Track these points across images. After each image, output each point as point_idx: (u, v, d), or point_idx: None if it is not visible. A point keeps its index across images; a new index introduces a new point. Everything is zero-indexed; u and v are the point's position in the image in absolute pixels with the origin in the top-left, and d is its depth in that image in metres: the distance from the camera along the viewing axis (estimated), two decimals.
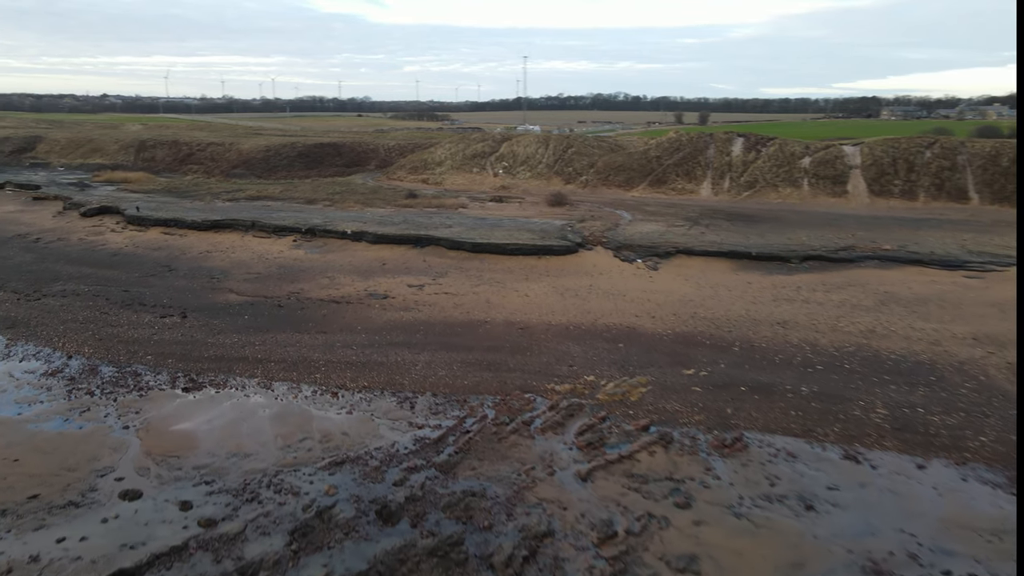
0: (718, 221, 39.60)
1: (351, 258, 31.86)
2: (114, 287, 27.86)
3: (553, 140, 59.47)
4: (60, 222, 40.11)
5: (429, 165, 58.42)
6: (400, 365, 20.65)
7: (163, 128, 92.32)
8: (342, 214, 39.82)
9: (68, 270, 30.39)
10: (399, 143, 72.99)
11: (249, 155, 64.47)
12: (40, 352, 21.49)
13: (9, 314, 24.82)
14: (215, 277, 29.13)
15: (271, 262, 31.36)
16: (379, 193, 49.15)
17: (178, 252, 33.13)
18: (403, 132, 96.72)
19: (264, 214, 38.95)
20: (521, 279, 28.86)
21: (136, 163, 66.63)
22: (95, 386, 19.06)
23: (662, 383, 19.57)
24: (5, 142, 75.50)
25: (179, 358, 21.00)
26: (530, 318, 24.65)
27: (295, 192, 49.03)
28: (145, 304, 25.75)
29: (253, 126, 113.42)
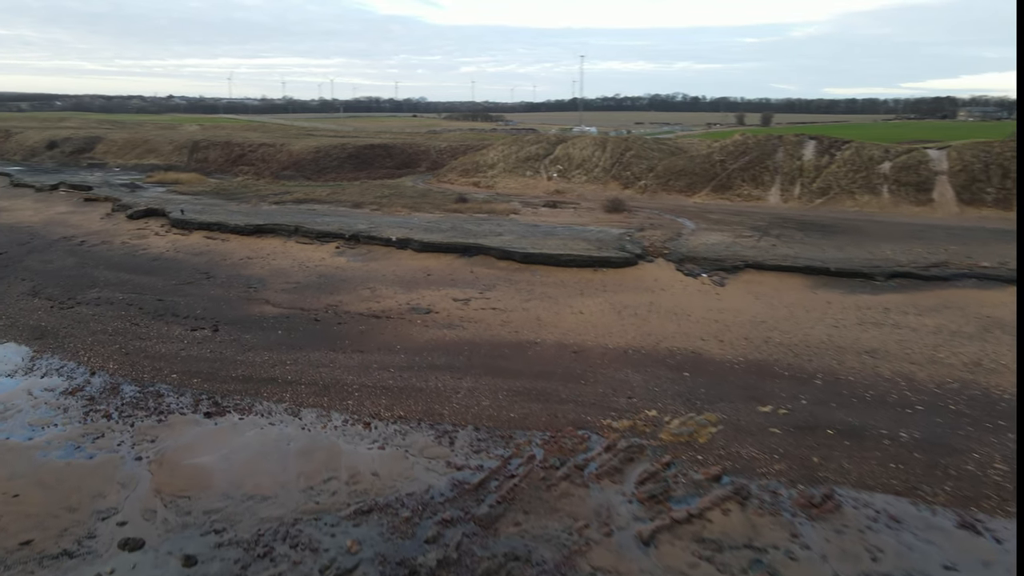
0: (789, 231, 36.72)
1: (395, 267, 30.32)
2: (149, 295, 26.92)
3: (610, 142, 57.14)
4: (107, 224, 39.84)
5: (481, 168, 56.81)
6: (440, 392, 18.86)
7: (218, 129, 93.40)
8: (388, 219, 38.44)
9: (106, 276, 29.69)
10: (451, 144, 71.68)
11: (299, 156, 64.05)
12: (64, 367, 20.47)
13: (40, 323, 24.03)
14: (252, 286, 27.95)
15: (311, 270, 30.06)
16: (428, 197, 47.72)
17: (218, 258, 32.18)
18: (456, 133, 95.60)
19: (308, 218, 37.85)
20: (575, 294, 26.80)
21: (189, 164, 67.02)
22: (113, 408, 17.83)
23: (735, 422, 17.27)
24: (66, 142, 77.19)
25: (205, 377, 19.67)
26: (585, 339, 22.58)
27: (342, 195, 48.00)
28: (178, 315, 24.65)
29: (306, 127, 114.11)
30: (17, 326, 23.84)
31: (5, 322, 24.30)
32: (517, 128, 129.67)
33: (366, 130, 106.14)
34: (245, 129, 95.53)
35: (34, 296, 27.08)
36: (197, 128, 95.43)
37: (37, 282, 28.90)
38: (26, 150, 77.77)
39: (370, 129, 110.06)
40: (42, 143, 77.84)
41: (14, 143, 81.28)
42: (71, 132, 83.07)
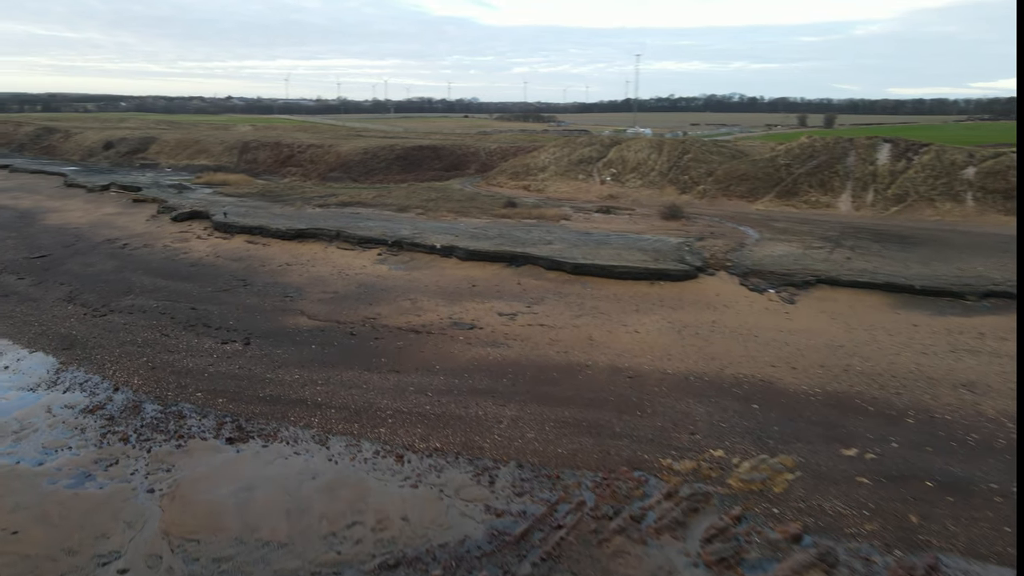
0: (864, 243, 34.00)
1: (438, 277, 28.87)
2: (183, 303, 26.06)
3: (667, 145, 54.81)
4: (151, 226, 39.56)
5: (531, 170, 55.15)
6: (481, 421, 17.24)
7: (269, 129, 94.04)
8: (434, 224, 37.10)
9: (143, 281, 29.03)
10: (501, 146, 70.24)
11: (347, 158, 63.50)
12: (87, 381, 19.56)
13: (71, 332, 23.32)
14: (289, 295, 26.85)
15: (351, 279, 28.84)
16: (476, 201, 46.29)
17: (257, 264, 31.28)
18: (507, 134, 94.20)
19: (351, 223, 36.78)
20: (630, 310, 24.87)
21: (239, 165, 67.21)
22: (132, 430, 16.74)
23: (815, 468, 15.17)
24: (122, 143, 78.55)
25: (231, 397, 18.48)
26: (641, 363, 20.67)
27: (388, 198, 46.96)
28: (209, 325, 23.65)
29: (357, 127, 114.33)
30: (48, 335, 23.17)
31: (37, 330, 23.68)
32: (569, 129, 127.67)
33: (416, 131, 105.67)
34: (296, 130, 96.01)
35: (69, 302, 26.52)
36: (249, 128, 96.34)
37: (75, 287, 28.40)
38: (84, 150, 79.45)
39: (420, 130, 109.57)
40: (99, 143, 79.43)
41: (73, 143, 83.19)
42: (127, 132, 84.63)
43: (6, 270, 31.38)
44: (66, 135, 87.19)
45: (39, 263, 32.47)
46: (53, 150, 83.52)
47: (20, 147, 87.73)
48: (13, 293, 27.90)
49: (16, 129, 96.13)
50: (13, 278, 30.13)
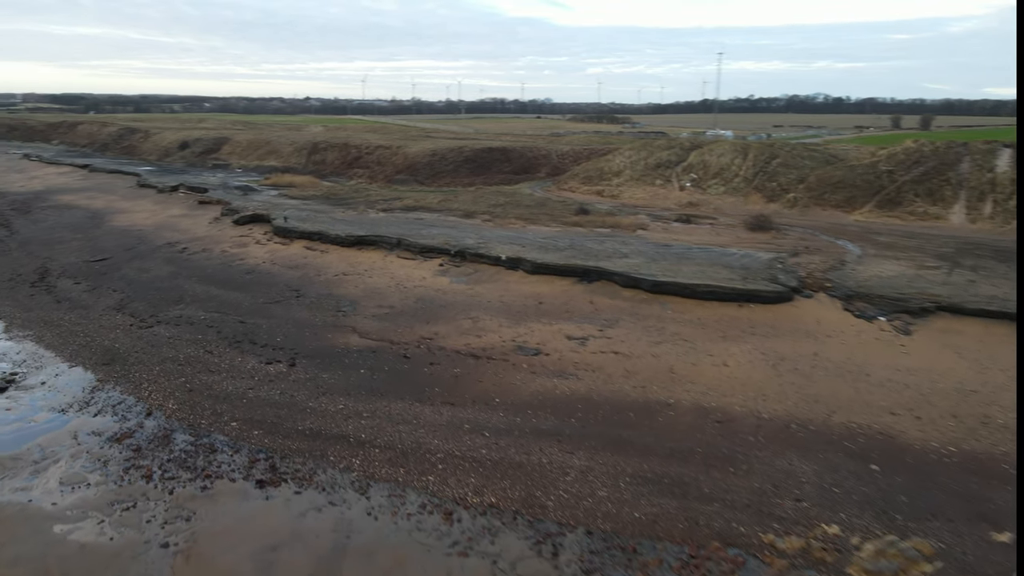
0: (987, 262, 30.01)
1: (502, 292, 26.73)
2: (232, 315, 24.75)
3: (753, 149, 51.20)
4: (212, 230, 38.92)
5: (605, 175, 52.50)
6: (545, 471, 14.95)
7: (339, 130, 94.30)
8: (500, 233, 35.02)
9: (196, 290, 27.99)
10: (574, 148, 67.75)
11: (414, 160, 62.29)
12: (121, 403, 18.25)
13: (114, 345, 22.24)
14: (342, 310, 25.19)
15: (409, 292, 27.00)
16: (546, 207, 44.02)
17: (313, 273, 29.86)
18: (579, 136, 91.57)
19: (414, 229, 35.09)
20: (716, 337, 22.10)
21: (307, 166, 67.01)
22: (157, 465, 15.19)
23: (959, 558, 12.24)
24: (197, 143, 79.88)
25: (268, 429, 16.77)
26: (731, 403, 17.96)
27: (454, 202, 45.21)
28: (256, 342, 22.16)
29: (427, 128, 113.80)
30: (91, 347, 22.16)
31: (82, 341, 22.73)
32: (644, 131, 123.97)
33: (487, 132, 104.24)
34: (365, 130, 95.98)
35: (119, 311, 25.62)
36: (321, 129, 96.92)
37: (127, 294, 27.59)
38: (161, 150, 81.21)
39: (491, 131, 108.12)
40: (175, 144, 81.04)
41: (151, 143, 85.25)
42: (202, 133, 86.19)
43: (65, 274, 30.99)
44: (146, 135, 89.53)
45: (98, 267, 32.01)
46: (133, 150, 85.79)
47: (103, 147, 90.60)
48: (66, 299, 27.28)
49: (100, 129, 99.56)
50: (70, 282, 29.64)
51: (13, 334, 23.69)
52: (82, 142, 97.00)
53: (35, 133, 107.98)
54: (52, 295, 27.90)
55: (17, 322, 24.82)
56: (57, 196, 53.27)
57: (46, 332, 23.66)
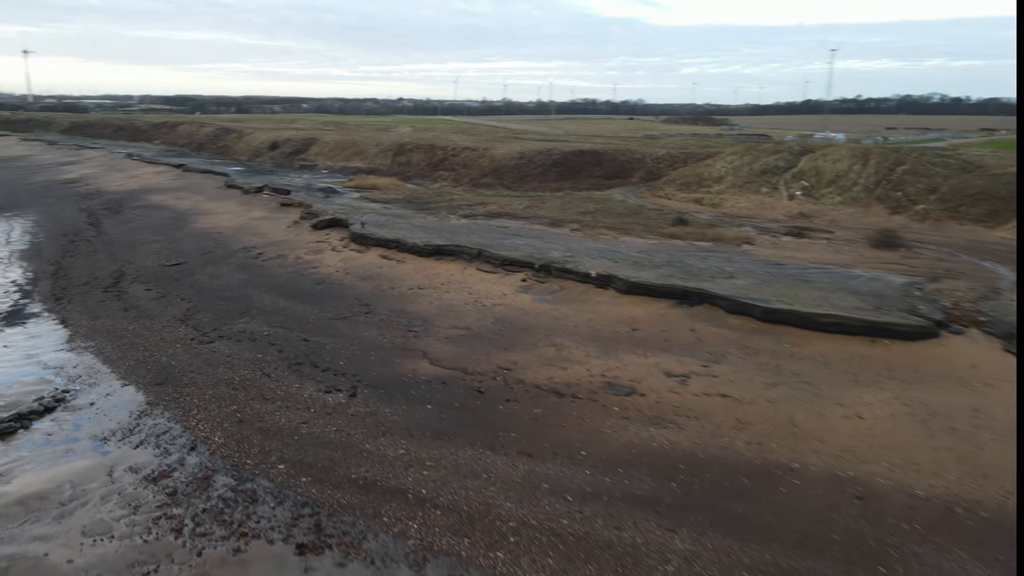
0: None
1: (591, 315, 24.04)
2: (296, 332, 23.11)
3: (875, 154, 46.35)
4: (290, 234, 37.94)
5: (705, 181, 48.82)
6: (640, 556, 12.21)
7: (427, 131, 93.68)
8: (589, 244, 32.32)
9: (263, 300, 26.64)
10: (670, 152, 64.11)
11: (501, 162, 60.27)
12: (166, 433, 16.69)
13: (171, 362, 20.91)
14: (413, 330, 23.13)
15: (487, 311, 24.69)
16: (640, 215, 40.96)
17: (386, 285, 28.02)
18: (675, 138, 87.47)
19: (496, 239, 32.85)
20: (846, 380, 18.69)
21: (391, 167, 66.17)
22: (191, 516, 13.37)
23: None
24: (286, 144, 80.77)
25: (318, 476, 14.74)
26: (873, 472, 14.65)
27: (540, 209, 42.77)
28: (317, 365, 20.34)
29: (516, 129, 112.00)
30: (148, 363, 20.91)
31: (140, 355, 21.56)
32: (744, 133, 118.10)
33: (577, 133, 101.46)
34: (453, 131, 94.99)
35: (183, 322, 24.47)
36: (408, 130, 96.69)
37: (194, 303, 26.52)
38: (252, 151, 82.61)
39: (582, 132, 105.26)
40: (266, 144, 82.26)
41: (244, 144, 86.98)
42: (293, 133, 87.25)
43: (139, 279, 30.41)
44: (239, 135, 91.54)
45: (172, 272, 31.33)
46: (226, 150, 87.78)
47: (199, 147, 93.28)
48: (134, 307, 26.46)
49: (198, 130, 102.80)
50: (141, 288, 28.96)
51: (75, 345, 22.84)
52: (181, 142, 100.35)
53: (140, 133, 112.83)
54: (121, 302, 27.18)
55: (82, 331, 24.04)
56: (148, 196, 54.19)
57: (107, 344, 22.68)
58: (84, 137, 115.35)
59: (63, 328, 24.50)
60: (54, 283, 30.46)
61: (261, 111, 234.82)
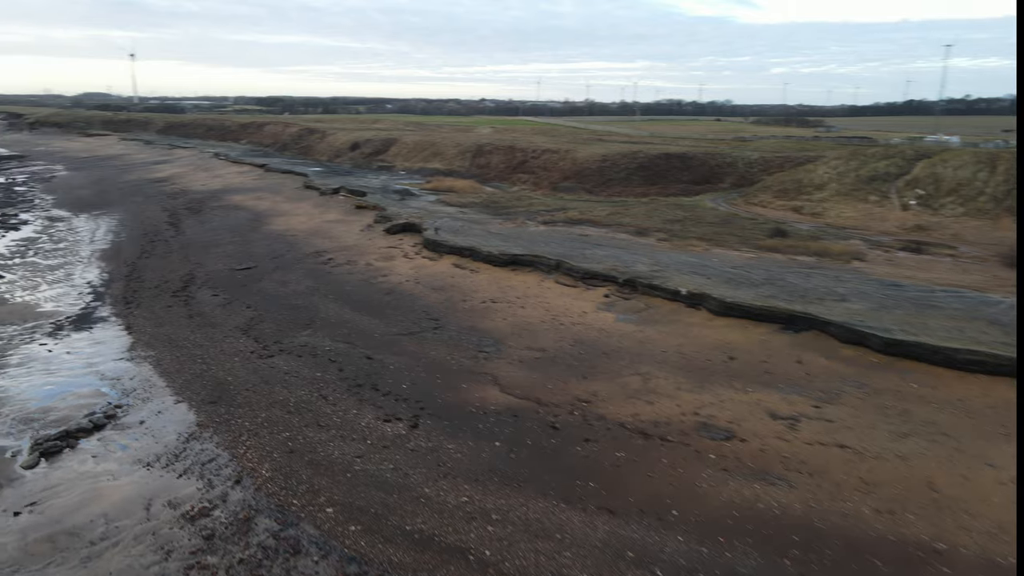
0: None
1: (681, 339, 21.66)
2: (359, 348, 21.68)
3: (1003, 160, 41.72)
4: (362, 238, 36.92)
5: (804, 188, 45.22)
6: None
7: (507, 132, 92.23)
8: (678, 257, 29.82)
9: (329, 311, 25.43)
10: (764, 155, 60.33)
11: (582, 165, 58.02)
12: (212, 461, 15.41)
13: (227, 378, 19.80)
14: (484, 350, 21.32)
15: (565, 331, 22.65)
16: (733, 225, 38.04)
17: (458, 298, 26.37)
18: (769, 141, 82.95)
19: (576, 249, 30.77)
20: (995, 434, 15.70)
21: (470, 169, 64.91)
22: (225, 569, 11.90)
23: None
24: (366, 144, 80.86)
25: (369, 525, 13.06)
26: None
27: (624, 216, 40.39)
28: (378, 388, 18.79)
29: (599, 130, 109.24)
30: (204, 378, 19.88)
31: (198, 368, 20.58)
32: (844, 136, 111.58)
33: (663, 135, 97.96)
34: (534, 132, 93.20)
35: (245, 332, 23.48)
36: (489, 131, 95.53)
37: (258, 312, 25.57)
38: (333, 151, 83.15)
39: (668, 134, 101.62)
40: (346, 145, 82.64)
41: (326, 144, 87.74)
42: (373, 134, 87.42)
43: (207, 283, 29.85)
44: (322, 136, 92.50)
45: (240, 276, 30.66)
46: (309, 150, 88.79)
47: (283, 147, 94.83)
48: (199, 314, 25.73)
49: (283, 130, 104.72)
50: (209, 293, 28.31)
51: (136, 354, 22.12)
52: (266, 142, 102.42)
53: (228, 133, 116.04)
54: (187, 308, 26.53)
55: (144, 339, 23.37)
56: (229, 196, 54.65)
57: (167, 354, 21.85)
58: (177, 137, 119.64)
59: (127, 335, 23.93)
60: (127, 285, 30.27)
61: (346, 111, 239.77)
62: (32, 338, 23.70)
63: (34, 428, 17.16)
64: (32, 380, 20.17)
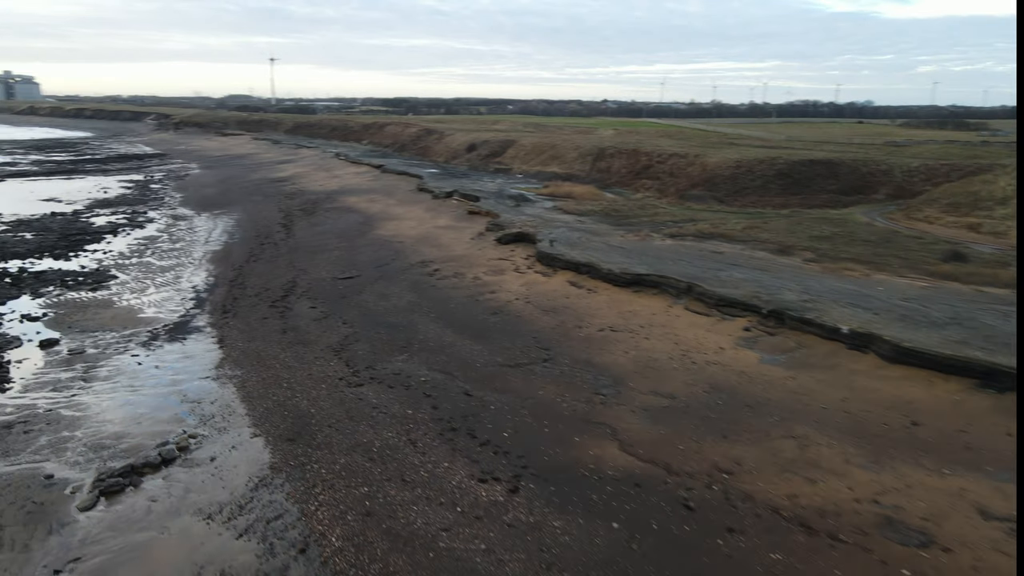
0: None
1: (845, 391, 17.76)
2: (458, 380, 19.21)
3: None
4: (472, 248, 34.73)
5: (982, 202, 39.09)
6: None
7: (630, 134, 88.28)
8: (832, 283, 25.58)
9: (429, 332, 23.18)
10: (926, 163, 53.63)
11: (714, 171, 53.59)
12: (278, 519, 13.28)
13: (310, 409, 17.84)
14: (601, 392, 18.30)
15: (699, 372, 19.25)
16: (895, 244, 33.00)
17: (572, 323, 23.46)
18: (929, 147, 74.63)
19: (710, 269, 27.13)
20: None
21: (590, 174, 61.79)
22: None
23: None
24: (483, 145, 79.43)
25: None
26: None
27: (763, 230, 36.09)
28: (475, 435, 16.20)
29: (729, 133, 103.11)
30: (286, 407, 18.02)
31: (281, 396, 18.78)
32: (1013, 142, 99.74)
33: (802, 139, 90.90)
34: (659, 135, 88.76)
35: (337, 354, 21.59)
36: (611, 133, 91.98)
37: (354, 330, 23.70)
38: (450, 152, 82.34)
39: (807, 138, 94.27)
40: (463, 146, 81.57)
41: (443, 145, 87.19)
42: (491, 135, 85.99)
43: (307, 293, 28.48)
44: (440, 137, 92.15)
45: (342, 287, 29.12)
46: (426, 151, 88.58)
47: (402, 147, 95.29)
48: (293, 329, 24.19)
49: (403, 130, 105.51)
50: (307, 305, 26.85)
51: (222, 372, 20.70)
52: (386, 142, 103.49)
53: (351, 133, 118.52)
54: (283, 320, 25.10)
55: (234, 355, 21.98)
56: (343, 197, 54.28)
57: (253, 375, 20.26)
58: (304, 136, 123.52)
59: (217, 349, 22.66)
60: (228, 292, 29.42)
61: (468, 112, 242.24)
62: (126, 348, 22.87)
63: (102, 458, 15.78)
64: (114, 398, 19.04)
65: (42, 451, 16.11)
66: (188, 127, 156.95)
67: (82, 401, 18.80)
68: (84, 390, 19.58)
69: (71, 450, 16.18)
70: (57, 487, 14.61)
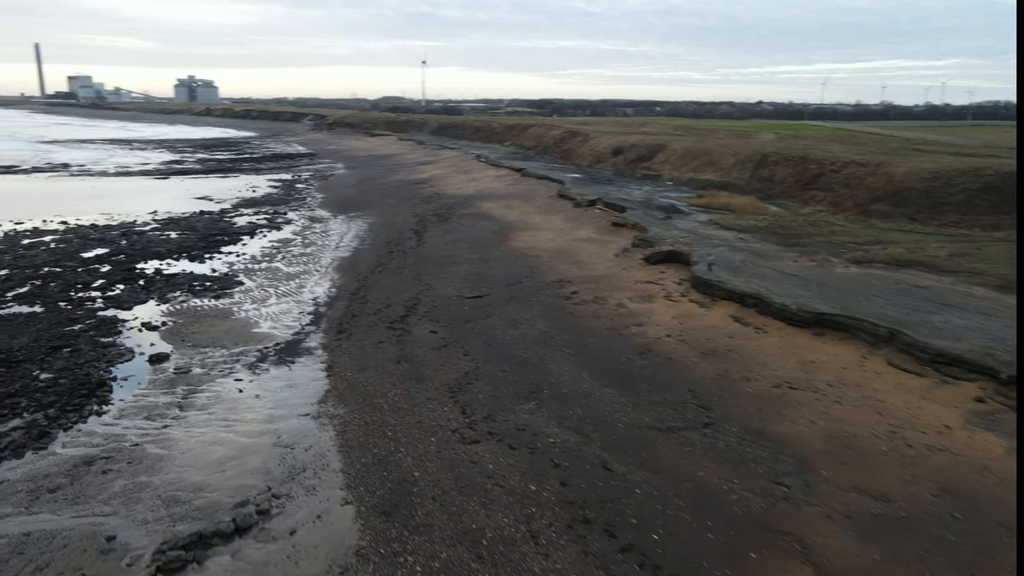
0: None
1: None
2: (595, 446, 15.56)
3: None
4: (615, 267, 30.95)
5: None
6: None
7: (795, 139, 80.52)
8: None
9: (562, 373, 19.70)
10: None
11: (902, 183, 46.49)
12: None
13: (413, 473, 14.84)
14: (782, 480, 14.01)
15: (919, 462, 14.49)
16: None
17: (738, 373, 19.16)
18: None
19: (915, 311, 21.86)
20: None
21: (750, 183, 56.00)
22: None
23: None
24: (631, 150, 75.04)
25: None
26: None
27: (977, 260, 29.74)
28: (614, 533, 12.39)
29: (911, 138, 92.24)
30: (386, 467, 15.17)
31: (384, 449, 15.97)
32: None
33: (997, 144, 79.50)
34: (828, 140, 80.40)
35: (453, 396, 18.58)
36: (772, 137, 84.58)
37: (476, 364, 20.65)
38: (593, 156, 78.61)
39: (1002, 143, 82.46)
40: (608, 149, 77.55)
41: (587, 148, 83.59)
42: (639, 139, 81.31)
43: (430, 314, 25.86)
44: (584, 139, 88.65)
45: (468, 308, 26.29)
46: (569, 154, 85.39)
47: (544, 150, 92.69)
48: (408, 358, 21.49)
49: (546, 132, 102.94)
50: (427, 329, 24.18)
51: (324, 409, 18.26)
52: (528, 144, 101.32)
53: (493, 135, 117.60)
54: (399, 347, 22.52)
55: (340, 388, 19.54)
56: (480, 202, 52.07)
57: (356, 416, 17.64)
58: (447, 138, 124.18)
59: (324, 378, 20.33)
60: (348, 307, 27.39)
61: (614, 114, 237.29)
62: (231, 370, 21.09)
63: (173, 517, 13.53)
64: (204, 434, 17.01)
65: (113, 501, 14.14)
66: (340, 127, 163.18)
67: (172, 436, 16.89)
68: (178, 420, 17.75)
69: (143, 502, 14.10)
70: (115, 556, 12.43)
